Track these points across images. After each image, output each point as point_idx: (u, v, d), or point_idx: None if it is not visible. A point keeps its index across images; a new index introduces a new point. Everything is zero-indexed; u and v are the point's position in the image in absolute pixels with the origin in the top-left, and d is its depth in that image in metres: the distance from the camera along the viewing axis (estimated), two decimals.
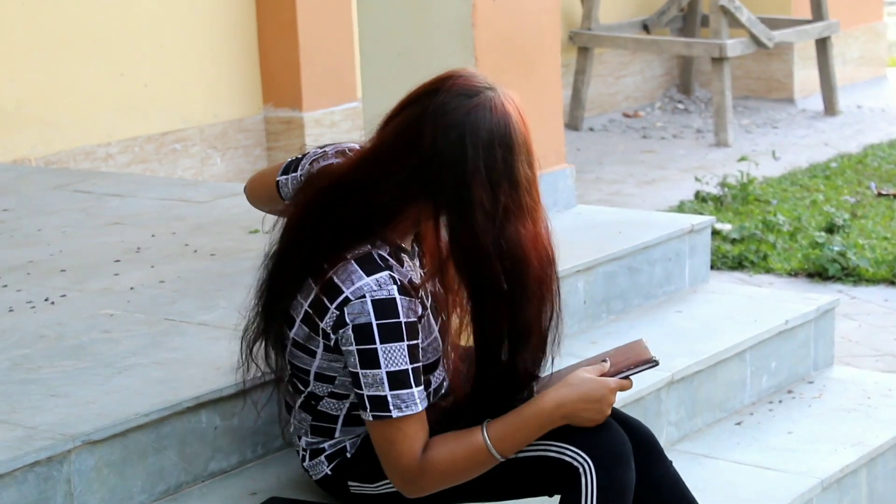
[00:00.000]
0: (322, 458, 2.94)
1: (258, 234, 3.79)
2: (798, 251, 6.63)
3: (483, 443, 2.77)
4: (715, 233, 6.70)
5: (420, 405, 2.74)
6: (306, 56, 7.53)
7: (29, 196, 5.21)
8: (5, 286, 4.02)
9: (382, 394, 2.72)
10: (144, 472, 3.04)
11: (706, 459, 3.80)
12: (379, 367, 2.71)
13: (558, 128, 4.88)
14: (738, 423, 4.10)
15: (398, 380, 2.72)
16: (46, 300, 3.86)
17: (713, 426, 4.06)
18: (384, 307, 2.71)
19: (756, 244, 6.69)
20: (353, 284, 2.74)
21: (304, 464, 2.99)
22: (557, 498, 2.87)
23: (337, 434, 2.92)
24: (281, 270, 2.86)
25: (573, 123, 9.63)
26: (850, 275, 6.31)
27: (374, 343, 2.71)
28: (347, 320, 2.73)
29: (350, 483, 2.93)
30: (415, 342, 2.74)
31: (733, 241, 6.77)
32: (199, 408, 3.12)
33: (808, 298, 4.55)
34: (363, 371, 2.72)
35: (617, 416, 2.92)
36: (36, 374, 3.27)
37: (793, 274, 6.42)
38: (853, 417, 4.15)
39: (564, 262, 4.16)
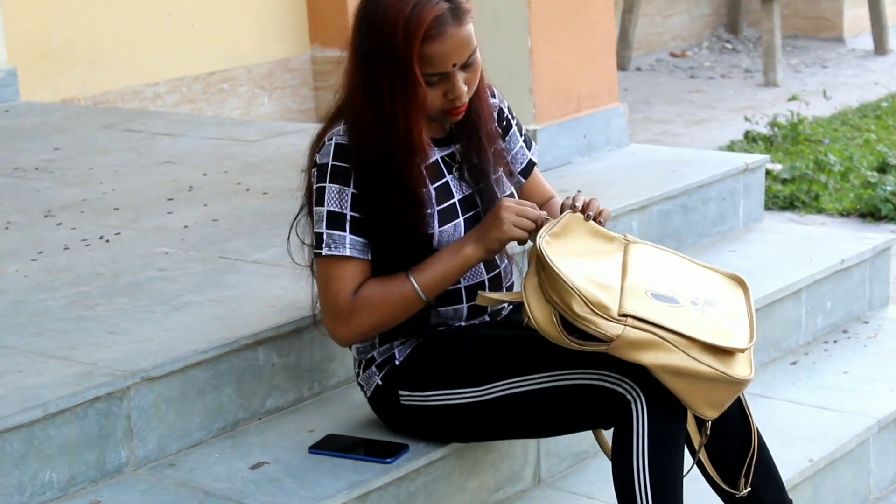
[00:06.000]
0: (373, 368, 3.01)
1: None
2: (850, 191, 6.57)
3: (407, 278, 2.87)
4: (766, 173, 6.64)
5: (349, 250, 2.86)
6: None
7: (79, 135, 5.21)
8: (59, 224, 4.03)
9: (321, 231, 2.87)
10: (203, 409, 3.05)
11: (762, 399, 3.78)
12: (323, 205, 2.87)
13: (610, 66, 4.85)
14: (794, 363, 4.08)
15: (334, 220, 2.86)
16: (101, 238, 3.87)
17: (768, 365, 4.04)
18: (342, 151, 2.86)
19: (807, 184, 6.64)
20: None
21: (359, 379, 3.06)
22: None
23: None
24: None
25: (620, 63, 9.57)
26: None
27: (325, 182, 2.87)
28: (317, 161, 2.91)
29: (400, 392, 2.98)
30: (359, 193, 2.85)
31: (784, 182, 6.72)
32: (256, 345, 3.13)
33: (864, 238, 4.51)
34: (316, 208, 2.89)
35: None
36: (93, 312, 3.28)
37: (844, 214, 6.37)
38: None
39: (618, 200, 4.16)
